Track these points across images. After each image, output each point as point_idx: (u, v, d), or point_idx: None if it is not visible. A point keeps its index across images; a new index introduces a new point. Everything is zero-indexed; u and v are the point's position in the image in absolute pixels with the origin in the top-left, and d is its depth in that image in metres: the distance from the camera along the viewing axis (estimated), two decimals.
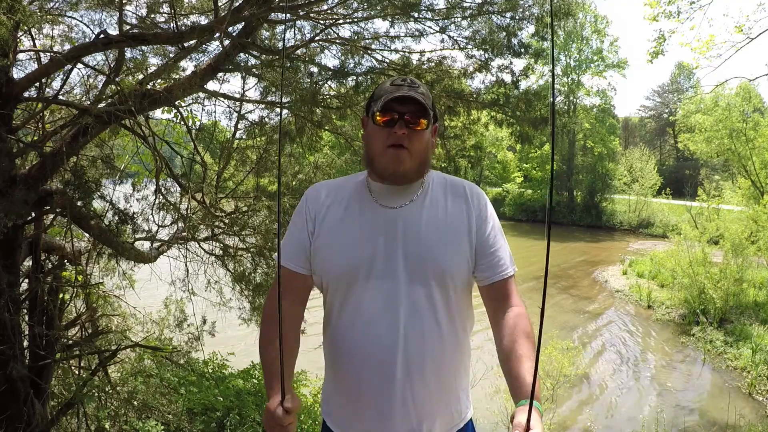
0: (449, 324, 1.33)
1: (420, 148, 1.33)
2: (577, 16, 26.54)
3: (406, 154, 1.31)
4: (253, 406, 4.87)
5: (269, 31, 4.34)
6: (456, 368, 1.37)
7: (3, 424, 3.25)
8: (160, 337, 5.28)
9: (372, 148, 1.36)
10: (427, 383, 1.30)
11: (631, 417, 8.09)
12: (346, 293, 1.33)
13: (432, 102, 1.37)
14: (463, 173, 5.11)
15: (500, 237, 1.40)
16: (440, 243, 1.32)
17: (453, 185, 1.43)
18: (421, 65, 4.47)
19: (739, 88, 21.54)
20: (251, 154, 4.96)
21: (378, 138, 1.33)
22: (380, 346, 1.28)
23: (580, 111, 31.60)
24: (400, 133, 1.29)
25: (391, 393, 1.28)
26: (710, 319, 11.91)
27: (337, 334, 1.36)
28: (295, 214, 1.44)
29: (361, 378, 1.31)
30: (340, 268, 1.33)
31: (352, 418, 1.35)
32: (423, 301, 1.30)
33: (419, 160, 1.34)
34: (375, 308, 1.30)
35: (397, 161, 1.31)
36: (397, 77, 1.36)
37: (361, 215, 1.37)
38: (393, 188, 1.38)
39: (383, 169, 1.34)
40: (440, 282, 1.31)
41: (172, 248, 4.66)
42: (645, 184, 29.82)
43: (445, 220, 1.36)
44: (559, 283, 16.84)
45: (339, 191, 1.42)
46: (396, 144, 1.30)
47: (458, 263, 1.33)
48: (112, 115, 3.17)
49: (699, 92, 19.73)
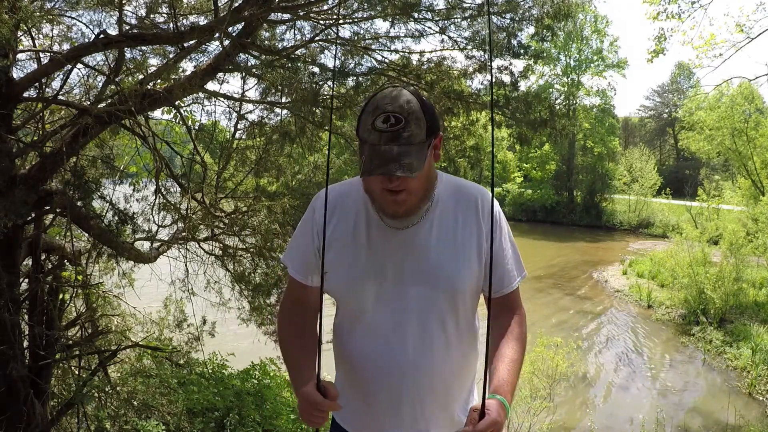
0: (458, 339, 1.33)
1: (419, 185, 1.23)
2: (577, 17, 26.53)
3: (404, 196, 1.21)
4: (253, 406, 4.87)
5: (269, 31, 4.34)
6: (464, 378, 1.39)
7: (3, 424, 3.26)
8: (160, 337, 5.28)
9: (368, 184, 1.25)
10: (436, 396, 1.31)
11: (631, 417, 8.10)
12: (355, 311, 1.34)
13: (432, 112, 1.24)
14: (462, 173, 5.10)
15: (509, 246, 1.38)
16: (451, 261, 1.29)
17: (464, 196, 1.35)
18: (421, 66, 4.47)
19: (741, 87, 21.55)
20: (251, 154, 4.96)
21: (372, 180, 1.22)
22: (389, 364, 1.29)
23: (580, 111, 31.57)
24: (393, 187, 1.19)
25: (399, 409, 1.30)
26: (710, 319, 11.91)
27: (347, 350, 1.37)
28: (303, 221, 1.41)
29: (368, 392, 1.33)
30: (348, 286, 1.31)
31: (362, 420, 1.38)
32: (433, 318, 1.29)
33: (422, 191, 1.26)
34: (384, 326, 1.30)
35: (397, 206, 1.22)
36: (380, 114, 1.16)
37: (367, 234, 1.32)
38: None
39: (383, 210, 1.27)
40: (451, 300, 1.30)
41: (172, 248, 4.66)
42: (645, 184, 29.81)
43: (456, 236, 1.31)
44: (559, 283, 16.84)
45: (345, 203, 1.35)
46: (394, 190, 1.20)
47: (469, 281, 1.31)
48: (112, 115, 3.17)
49: (700, 92, 19.73)
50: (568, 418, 8.29)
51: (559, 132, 4.57)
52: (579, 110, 31.41)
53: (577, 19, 28.05)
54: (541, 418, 7.22)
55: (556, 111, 4.69)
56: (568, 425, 8.10)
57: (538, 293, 15.00)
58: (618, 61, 31.62)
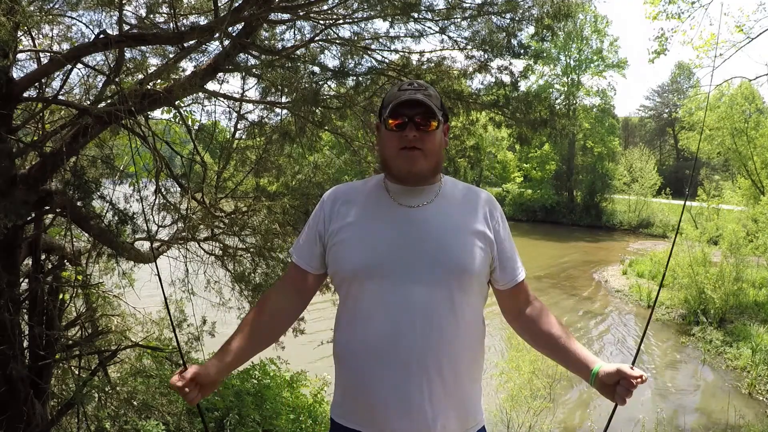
0: (466, 326, 1.34)
1: (433, 147, 1.37)
2: (577, 17, 26.51)
3: (419, 155, 1.35)
4: (253, 406, 4.88)
5: (269, 31, 4.34)
6: (471, 370, 1.38)
7: (3, 424, 3.26)
8: (160, 337, 5.27)
9: (386, 152, 1.40)
10: (444, 381, 1.30)
11: (631, 417, 8.09)
12: (362, 290, 1.34)
13: (441, 102, 1.41)
14: (462, 173, 5.11)
15: (512, 242, 1.46)
16: (461, 244, 1.34)
17: (471, 191, 1.47)
18: (421, 66, 4.47)
19: (741, 87, 21.53)
20: (251, 154, 4.95)
21: (391, 142, 1.37)
22: (397, 342, 1.29)
23: (580, 111, 31.56)
24: (412, 136, 1.33)
25: (407, 389, 1.28)
26: (710, 319, 11.91)
27: (353, 329, 1.36)
28: (313, 213, 1.48)
29: (374, 374, 1.30)
30: (357, 264, 1.33)
31: (367, 413, 1.33)
32: (442, 300, 1.30)
33: (434, 159, 1.38)
34: (392, 305, 1.30)
35: (412, 162, 1.35)
36: (405, 82, 1.40)
37: (379, 214, 1.39)
38: (411, 189, 1.40)
39: (398, 170, 1.38)
40: (460, 282, 1.32)
41: (172, 248, 4.66)
42: (645, 184, 29.82)
43: (465, 222, 1.38)
44: (559, 283, 16.84)
45: (357, 192, 1.45)
46: (409, 146, 1.34)
47: (478, 266, 1.35)
48: (112, 115, 3.17)
49: (701, 92, 19.71)
50: (568, 418, 8.29)
51: (559, 132, 4.56)
52: (579, 110, 31.39)
53: (577, 19, 28.03)
54: (542, 418, 7.22)
55: (556, 111, 4.70)
56: (568, 425, 8.10)
57: (539, 293, 14.88)
58: (618, 61, 31.64)
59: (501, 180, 36.46)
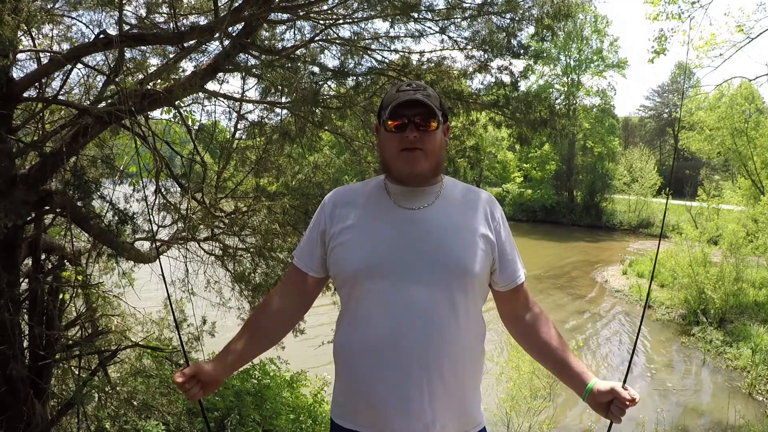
0: (467, 327, 1.34)
1: (434, 148, 1.36)
2: (577, 17, 26.50)
3: (420, 155, 1.34)
4: (253, 406, 4.87)
5: (269, 31, 4.34)
6: (472, 371, 1.38)
7: (3, 424, 3.26)
8: (160, 337, 5.27)
9: (386, 153, 1.39)
10: (444, 381, 1.30)
11: (631, 417, 8.08)
12: (363, 291, 1.33)
13: (440, 102, 1.41)
14: (462, 173, 5.10)
15: (513, 243, 1.46)
16: (462, 245, 1.34)
17: (471, 191, 1.47)
18: (421, 66, 4.47)
19: (741, 87, 21.53)
20: (251, 154, 4.95)
21: (391, 143, 1.36)
22: (397, 342, 1.28)
23: (580, 111, 31.55)
24: (412, 137, 1.32)
25: (407, 389, 1.28)
26: (710, 319, 11.90)
27: (353, 330, 1.36)
28: (314, 217, 1.49)
29: (374, 374, 1.30)
30: (357, 265, 1.33)
31: (367, 413, 1.33)
32: (443, 300, 1.30)
33: (434, 159, 1.38)
34: (392, 306, 1.30)
35: (412, 163, 1.34)
36: (403, 83, 1.40)
37: (379, 215, 1.38)
38: (412, 190, 1.40)
39: (399, 172, 1.37)
40: (460, 282, 1.32)
41: (172, 248, 4.66)
42: (645, 184, 29.81)
43: (466, 223, 1.37)
44: (559, 283, 16.85)
45: (357, 194, 1.45)
46: (409, 148, 1.33)
47: (479, 266, 1.34)
48: (112, 115, 3.17)
49: (701, 93, 19.72)
50: (568, 418, 8.29)
51: (559, 132, 4.56)
52: (579, 110, 31.38)
53: (577, 19, 28.03)
54: (542, 418, 7.22)
55: (556, 111, 4.69)
56: (568, 425, 8.10)
57: (539, 293, 15.00)
58: (618, 61, 31.63)
59: (501, 180, 36.44)
